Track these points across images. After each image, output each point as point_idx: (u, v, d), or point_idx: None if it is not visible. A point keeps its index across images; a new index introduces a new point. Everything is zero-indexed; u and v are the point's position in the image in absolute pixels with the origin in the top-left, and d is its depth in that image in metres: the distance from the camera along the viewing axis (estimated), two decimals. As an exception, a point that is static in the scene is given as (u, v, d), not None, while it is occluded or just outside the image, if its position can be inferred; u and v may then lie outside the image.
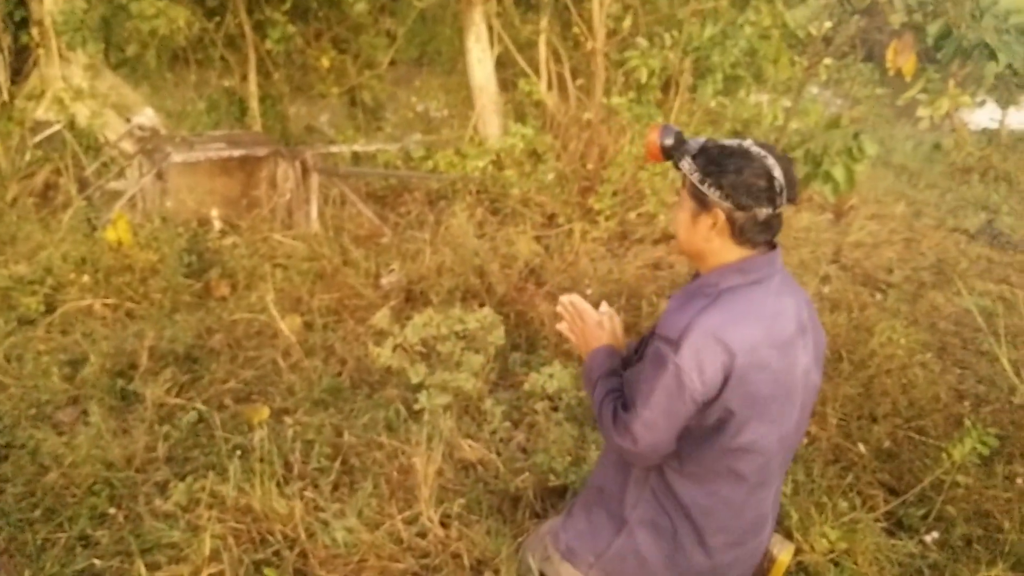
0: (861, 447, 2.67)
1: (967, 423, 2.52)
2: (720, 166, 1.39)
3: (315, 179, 3.87)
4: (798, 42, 6.52)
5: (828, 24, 6.78)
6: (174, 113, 8.98)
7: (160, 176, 3.77)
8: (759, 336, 1.37)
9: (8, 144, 6.07)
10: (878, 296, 4.00)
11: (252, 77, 7.15)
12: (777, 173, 1.37)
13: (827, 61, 6.97)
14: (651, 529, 1.49)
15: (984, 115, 9.12)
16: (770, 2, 5.77)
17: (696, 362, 1.33)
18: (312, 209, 3.86)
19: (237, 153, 3.93)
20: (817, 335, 1.51)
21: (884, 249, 4.60)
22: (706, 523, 1.45)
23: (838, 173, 4.79)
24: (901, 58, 4.72)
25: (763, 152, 1.41)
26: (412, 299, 3.59)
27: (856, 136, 4.95)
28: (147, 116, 4.82)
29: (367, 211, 4.08)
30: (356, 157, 5.59)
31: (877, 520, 2.30)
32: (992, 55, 4.34)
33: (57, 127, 6.06)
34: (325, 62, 7.67)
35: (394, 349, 2.73)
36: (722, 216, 1.40)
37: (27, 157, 6.00)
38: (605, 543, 1.53)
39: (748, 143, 1.42)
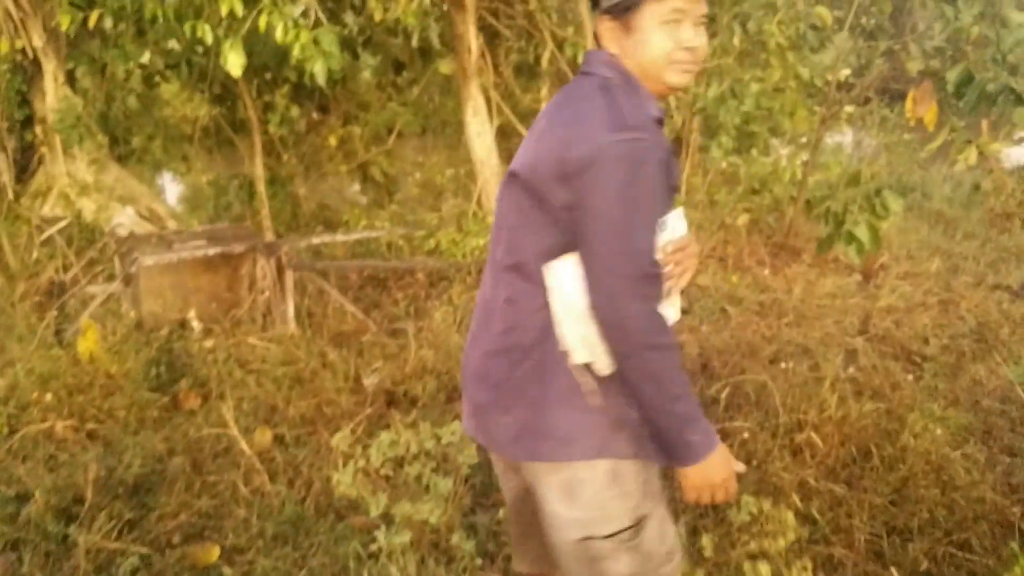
0: (894, 573, 2.29)
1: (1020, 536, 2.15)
2: None
3: (290, 276, 3.67)
4: (817, 91, 6.25)
5: (846, 71, 6.50)
6: (186, 200, 9.05)
7: (130, 280, 3.61)
8: None
9: (16, 243, 6.04)
10: (912, 373, 3.61)
11: (258, 161, 7.08)
12: None
13: (849, 108, 6.68)
14: None
15: (1022, 151, 8.68)
16: (781, 55, 5.52)
17: None
18: (288, 308, 3.65)
19: (213, 251, 3.75)
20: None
21: (918, 314, 4.21)
22: None
23: (861, 233, 4.44)
24: (921, 107, 4.40)
25: None
26: (395, 402, 3.32)
27: (879, 192, 4.60)
28: (127, 215, 4.71)
29: (350, 306, 3.85)
30: (357, 242, 5.43)
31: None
32: (1019, 100, 4.01)
33: (63, 223, 6.03)
34: (333, 140, 7.63)
35: (355, 475, 2.45)
36: None
37: (35, 255, 5.96)
38: None
39: None
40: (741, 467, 1.45)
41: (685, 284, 1.45)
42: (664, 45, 1.35)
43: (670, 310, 1.39)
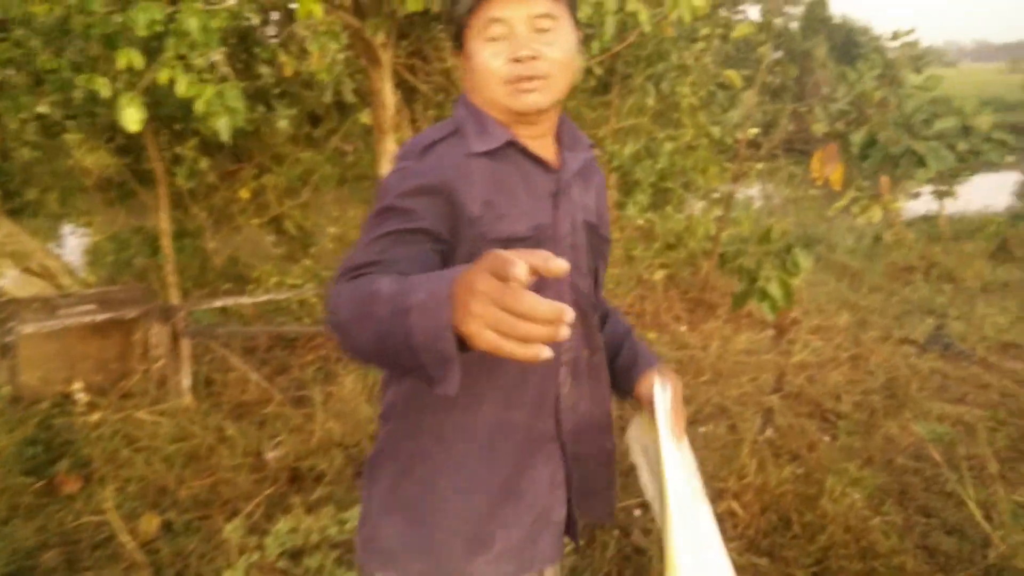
0: (818, 653, 2.22)
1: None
2: None
3: (186, 344, 3.43)
4: (728, 148, 6.41)
5: (755, 130, 6.69)
6: (89, 253, 8.60)
7: (7, 351, 3.31)
8: None
9: None
10: (828, 432, 3.61)
11: (164, 214, 6.77)
12: None
13: (759, 165, 6.86)
14: None
15: (922, 203, 9.11)
16: (693, 115, 5.64)
17: None
18: (183, 379, 3.41)
19: (102, 317, 3.49)
20: None
21: (830, 370, 4.26)
22: None
23: (774, 290, 4.49)
24: (827, 168, 4.53)
25: None
26: (299, 479, 3.11)
27: (789, 249, 4.67)
28: (10, 279, 4.38)
29: (253, 374, 3.63)
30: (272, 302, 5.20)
31: None
32: (920, 162, 4.16)
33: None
34: (244, 193, 7.39)
35: (248, 572, 2.24)
36: None
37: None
38: None
39: None
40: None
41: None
42: (490, 64, 1.17)
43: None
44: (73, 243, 9.91)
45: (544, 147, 1.27)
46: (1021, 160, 15.78)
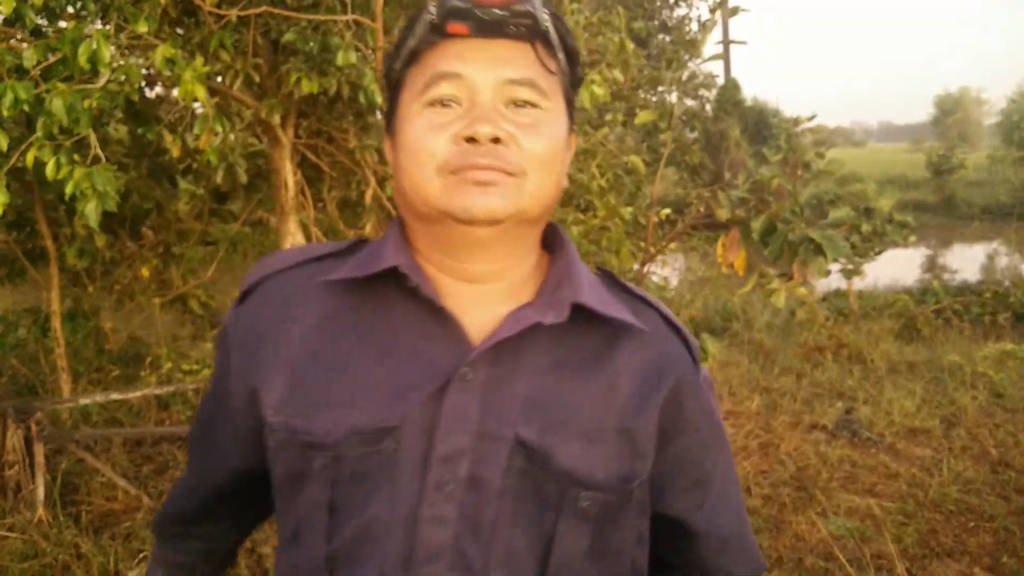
0: None
1: None
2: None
3: (40, 450, 3.11)
4: (641, 228, 6.43)
5: (666, 211, 6.76)
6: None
7: None
8: None
9: None
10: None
11: (55, 295, 6.37)
12: None
13: (672, 246, 6.91)
14: None
15: (833, 279, 9.34)
16: (603, 197, 5.64)
17: None
18: (38, 487, 3.08)
19: (-53, 419, 3.14)
20: None
21: (741, 460, 4.16)
22: None
23: (684, 376, 4.42)
24: (730, 253, 4.52)
25: None
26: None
27: (697, 335, 4.62)
28: None
29: (120, 480, 3.31)
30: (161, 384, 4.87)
31: None
32: (819, 250, 4.19)
33: None
34: (145, 272, 7.06)
35: None
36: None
37: None
38: None
39: None
40: None
41: None
42: (423, 141, 0.74)
43: None
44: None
45: (482, 301, 0.79)
46: (926, 237, 16.55)
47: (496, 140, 0.72)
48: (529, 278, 0.82)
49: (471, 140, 0.72)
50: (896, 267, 10.88)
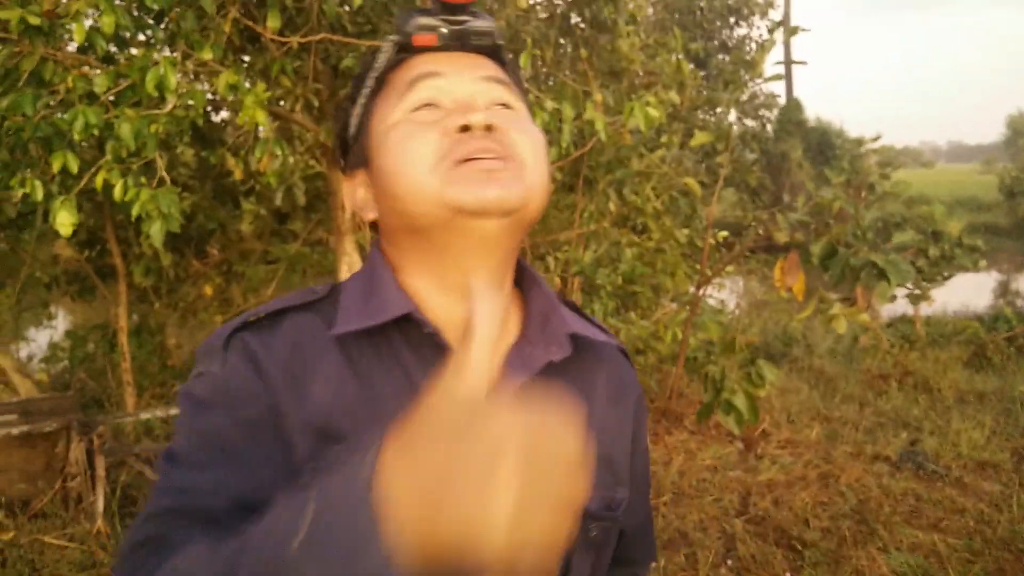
0: None
1: None
2: None
3: (101, 463, 3.20)
4: (697, 251, 6.35)
5: (724, 233, 6.66)
6: (50, 348, 8.37)
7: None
8: None
9: None
10: (792, 563, 3.37)
11: (122, 311, 6.60)
12: None
13: (729, 268, 6.80)
14: None
15: (900, 304, 9.04)
16: (658, 219, 5.59)
17: None
18: (98, 499, 3.17)
19: (17, 431, 3.27)
20: None
21: (799, 490, 4.04)
22: None
23: (740, 403, 4.32)
24: (789, 278, 4.42)
25: None
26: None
27: (754, 361, 4.53)
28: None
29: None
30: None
31: None
32: (882, 274, 4.06)
33: None
34: (208, 290, 7.26)
35: None
36: None
37: None
38: None
39: None
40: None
41: None
42: (415, 137, 0.71)
43: None
44: (44, 339, 9.69)
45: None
46: (998, 261, 15.93)
47: (489, 128, 0.71)
48: (511, 305, 0.80)
49: (464, 129, 0.70)
50: (966, 292, 10.45)
